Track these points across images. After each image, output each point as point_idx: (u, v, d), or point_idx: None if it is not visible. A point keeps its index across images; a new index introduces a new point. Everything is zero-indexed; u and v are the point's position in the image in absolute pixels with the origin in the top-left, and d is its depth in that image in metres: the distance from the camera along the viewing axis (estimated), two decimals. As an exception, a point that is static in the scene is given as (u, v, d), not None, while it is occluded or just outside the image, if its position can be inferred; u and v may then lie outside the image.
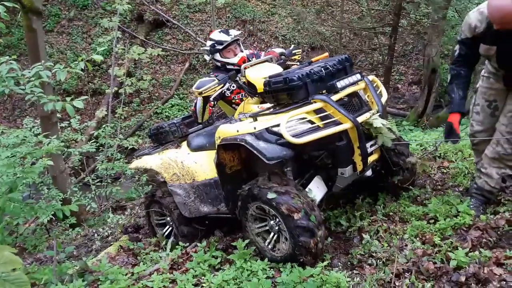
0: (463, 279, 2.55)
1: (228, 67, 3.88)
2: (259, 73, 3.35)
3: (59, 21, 13.13)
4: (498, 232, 3.01)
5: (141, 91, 11.34)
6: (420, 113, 9.18)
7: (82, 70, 3.40)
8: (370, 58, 13.26)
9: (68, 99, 3.34)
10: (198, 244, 3.54)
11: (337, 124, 2.84)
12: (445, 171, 4.16)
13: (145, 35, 12.68)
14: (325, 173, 3.19)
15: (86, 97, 4.13)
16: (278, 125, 2.80)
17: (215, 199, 3.64)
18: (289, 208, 2.79)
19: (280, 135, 2.78)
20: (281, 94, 2.96)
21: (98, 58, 3.34)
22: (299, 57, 4.04)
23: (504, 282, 2.48)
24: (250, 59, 3.96)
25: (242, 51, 3.97)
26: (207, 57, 4.01)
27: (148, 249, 4.06)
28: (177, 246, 3.74)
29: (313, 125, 2.84)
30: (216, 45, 3.85)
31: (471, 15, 2.98)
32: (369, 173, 3.38)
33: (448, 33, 11.57)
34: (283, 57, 3.89)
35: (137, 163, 4.34)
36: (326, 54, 3.81)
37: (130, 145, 7.50)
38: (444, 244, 2.91)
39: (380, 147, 3.19)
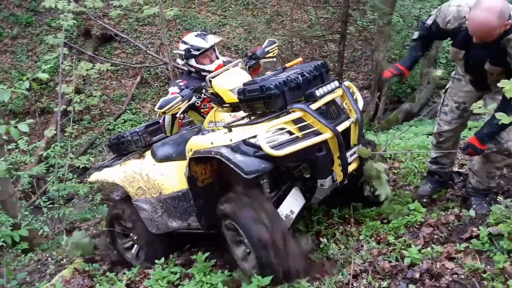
0: (417, 275, 2.63)
1: (204, 73, 3.63)
2: (225, 84, 3.18)
3: (1, 40, 12.63)
4: (449, 228, 3.13)
5: (92, 107, 11.05)
6: (371, 117, 9.41)
7: (27, 89, 3.25)
8: (321, 65, 13.50)
9: (14, 120, 3.21)
10: (156, 261, 3.45)
11: (316, 134, 2.73)
12: (396, 171, 4.28)
13: (93, 50, 12.40)
14: (302, 184, 3.09)
15: (31, 120, 3.90)
16: (255, 137, 2.68)
17: (184, 213, 3.48)
18: (257, 231, 2.67)
19: (258, 147, 2.65)
20: (256, 103, 2.78)
21: (43, 76, 3.21)
22: (274, 53, 3.78)
23: (456, 275, 2.58)
24: None
25: (218, 58, 3.75)
26: (180, 61, 3.75)
27: (103, 269, 3.95)
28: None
29: (292, 135, 2.73)
30: (192, 50, 3.59)
31: (450, 9, 2.96)
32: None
33: (394, 38, 11.97)
34: (255, 56, 3.67)
35: (97, 176, 4.07)
36: (300, 59, 3.65)
37: (82, 164, 7.27)
38: (398, 242, 3.00)
39: (359, 156, 3.09)
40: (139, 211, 3.65)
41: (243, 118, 2.96)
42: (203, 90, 3.24)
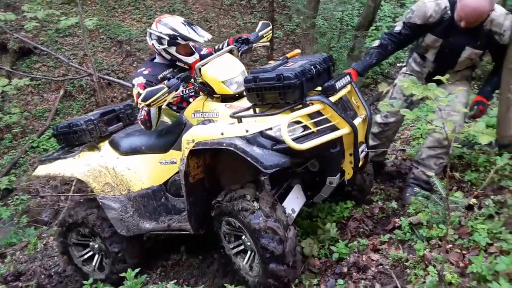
0: (345, 269, 2.70)
1: (178, 63, 3.37)
2: (217, 75, 2.90)
3: None
4: (374, 220, 3.24)
5: (12, 125, 10.47)
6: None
7: None
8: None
9: None
10: (84, 282, 3.29)
11: (332, 129, 2.55)
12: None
13: (10, 65, 11.72)
14: (302, 181, 2.96)
15: None
16: (271, 129, 2.48)
17: (154, 213, 3.22)
18: (261, 229, 2.49)
19: (276, 140, 2.45)
20: (270, 92, 2.51)
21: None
22: (268, 38, 3.50)
23: (381, 266, 2.67)
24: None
25: (194, 52, 3.44)
26: (156, 44, 3.33)
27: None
28: None
29: (307, 130, 2.52)
30: (179, 38, 3.23)
31: (428, 4, 3.03)
32: None
33: (319, 40, 12.32)
34: (248, 40, 3.38)
35: (47, 170, 3.52)
36: (298, 50, 3.40)
37: (4, 185, 6.88)
38: (327, 239, 3.06)
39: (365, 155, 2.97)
40: (106, 211, 3.27)
41: (249, 108, 2.70)
42: (192, 79, 2.96)
